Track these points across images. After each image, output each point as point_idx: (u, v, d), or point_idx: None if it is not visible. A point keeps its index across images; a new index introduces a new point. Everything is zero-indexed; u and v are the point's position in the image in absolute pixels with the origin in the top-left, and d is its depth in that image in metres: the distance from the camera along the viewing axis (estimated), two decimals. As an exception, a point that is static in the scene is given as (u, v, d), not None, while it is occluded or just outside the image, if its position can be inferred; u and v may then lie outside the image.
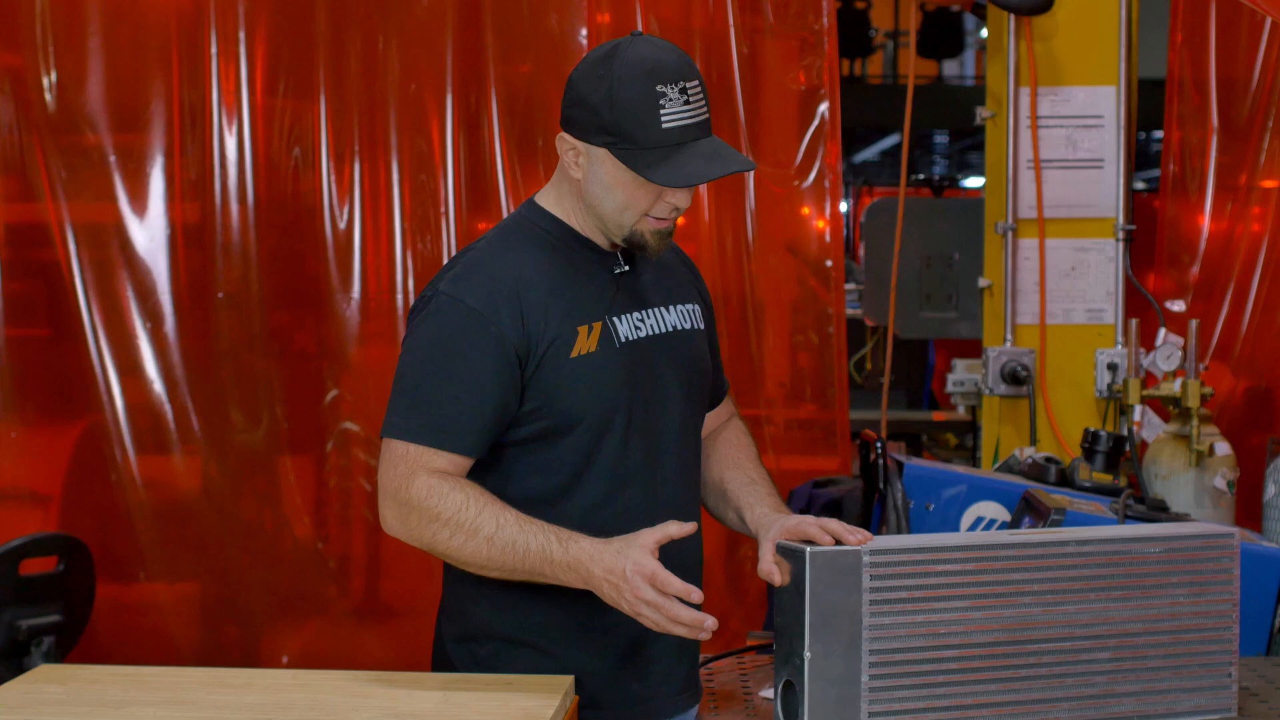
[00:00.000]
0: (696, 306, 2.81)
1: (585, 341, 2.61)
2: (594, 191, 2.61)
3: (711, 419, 2.89)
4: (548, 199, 2.72)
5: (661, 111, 2.52)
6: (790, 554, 2.50)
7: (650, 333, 2.69)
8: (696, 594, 2.46)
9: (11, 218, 4.56)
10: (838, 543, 2.51)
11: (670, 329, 2.73)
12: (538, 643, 2.67)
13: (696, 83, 2.57)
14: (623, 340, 2.65)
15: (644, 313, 2.70)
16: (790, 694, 2.48)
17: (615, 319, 2.66)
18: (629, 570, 2.46)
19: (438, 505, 2.54)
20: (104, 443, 4.51)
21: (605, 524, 2.62)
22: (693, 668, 2.80)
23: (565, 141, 2.62)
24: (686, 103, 2.54)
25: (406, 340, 2.65)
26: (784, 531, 2.59)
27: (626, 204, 2.60)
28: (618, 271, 2.69)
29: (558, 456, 2.63)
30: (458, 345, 2.58)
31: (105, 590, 4.43)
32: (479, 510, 2.53)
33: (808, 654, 2.44)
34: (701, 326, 2.81)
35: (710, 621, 2.46)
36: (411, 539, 2.59)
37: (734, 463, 2.85)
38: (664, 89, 2.52)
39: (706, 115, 2.58)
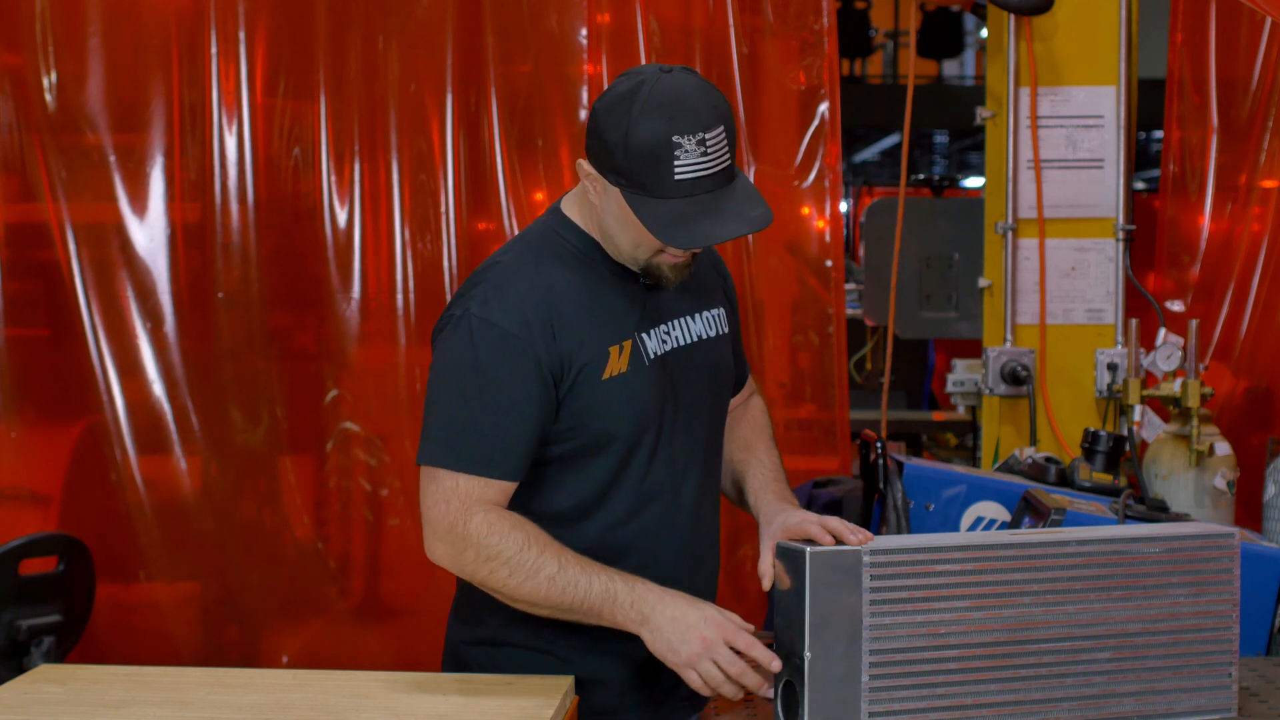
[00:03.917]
0: (721, 310, 2.79)
1: (616, 362, 2.59)
2: (609, 223, 2.58)
3: (733, 401, 2.89)
4: (573, 208, 2.67)
5: (675, 163, 2.44)
6: (790, 554, 2.50)
7: (676, 344, 2.67)
8: (777, 663, 2.47)
9: (11, 218, 4.55)
10: (839, 542, 2.51)
11: (696, 339, 2.71)
12: (555, 651, 2.67)
13: (719, 130, 2.46)
14: (652, 357, 2.63)
15: (670, 324, 2.68)
16: (790, 694, 2.48)
17: (644, 335, 2.63)
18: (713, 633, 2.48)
19: (498, 545, 2.51)
20: (104, 443, 4.50)
21: (625, 541, 2.62)
22: None
23: (584, 168, 2.57)
24: (704, 154, 2.45)
25: (437, 363, 2.59)
26: (785, 531, 2.60)
27: (638, 242, 2.56)
28: (644, 283, 2.66)
29: (586, 474, 2.62)
30: (496, 371, 2.53)
31: (105, 590, 4.43)
32: (540, 551, 2.51)
33: (808, 654, 2.43)
34: (726, 330, 2.79)
35: (776, 663, 2.48)
36: (464, 573, 2.57)
37: (746, 444, 2.87)
38: (680, 140, 2.43)
39: (727, 163, 2.48)
